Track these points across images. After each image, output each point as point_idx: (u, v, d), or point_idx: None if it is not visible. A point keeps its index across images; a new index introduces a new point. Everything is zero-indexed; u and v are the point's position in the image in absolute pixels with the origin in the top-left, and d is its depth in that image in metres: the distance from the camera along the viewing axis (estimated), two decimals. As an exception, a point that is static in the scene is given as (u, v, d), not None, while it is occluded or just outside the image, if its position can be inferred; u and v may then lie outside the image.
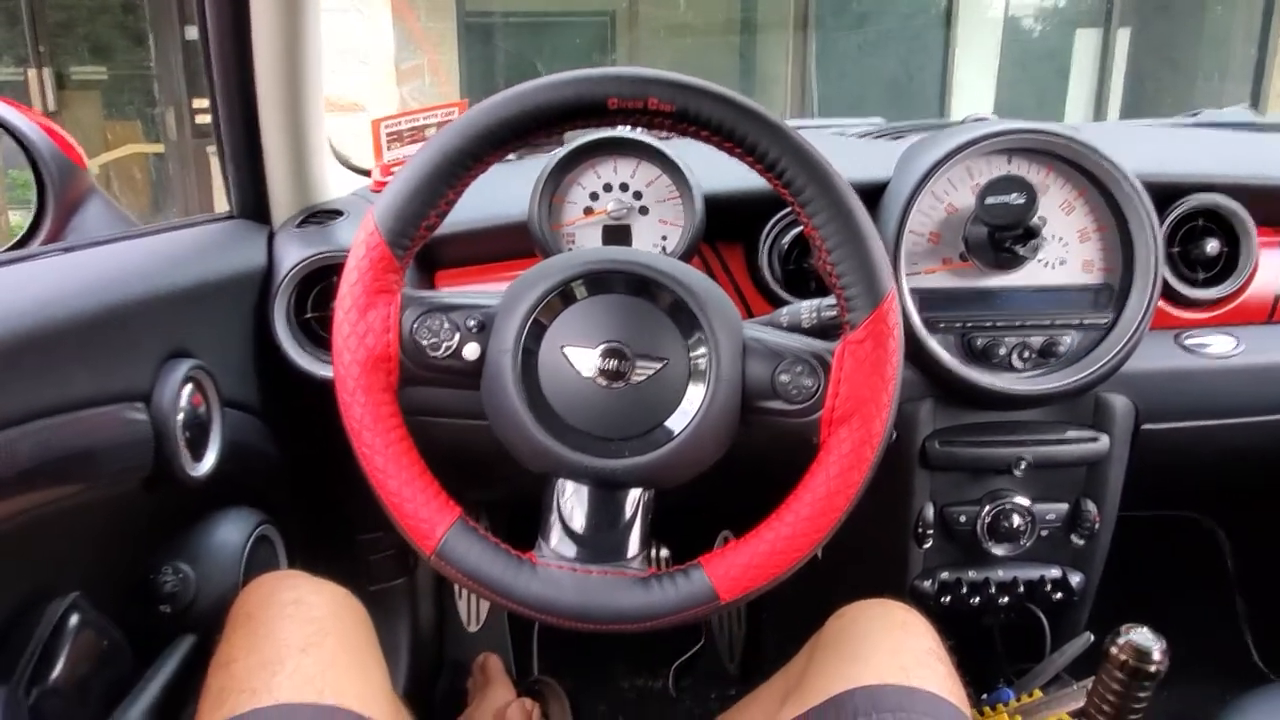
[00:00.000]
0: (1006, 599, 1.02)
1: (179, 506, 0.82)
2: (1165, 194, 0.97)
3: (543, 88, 0.64)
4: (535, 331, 0.66)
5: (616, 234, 0.93)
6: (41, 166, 0.86)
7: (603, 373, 0.64)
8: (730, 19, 6.50)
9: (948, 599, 1.02)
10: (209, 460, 0.78)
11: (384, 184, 1.10)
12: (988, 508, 0.99)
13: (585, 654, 1.54)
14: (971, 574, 1.03)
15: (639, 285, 0.67)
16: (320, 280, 0.94)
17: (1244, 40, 6.09)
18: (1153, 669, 0.79)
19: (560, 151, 0.91)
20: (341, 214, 1.00)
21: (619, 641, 1.54)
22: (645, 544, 0.69)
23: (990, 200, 0.85)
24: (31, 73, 4.91)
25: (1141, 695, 0.80)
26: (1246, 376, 0.98)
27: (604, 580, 0.65)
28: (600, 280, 0.67)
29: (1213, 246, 0.97)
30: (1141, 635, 0.79)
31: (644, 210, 0.93)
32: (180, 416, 0.73)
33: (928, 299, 0.96)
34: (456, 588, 1.47)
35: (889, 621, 0.83)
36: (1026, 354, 0.95)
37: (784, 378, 0.66)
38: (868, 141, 1.10)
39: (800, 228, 0.93)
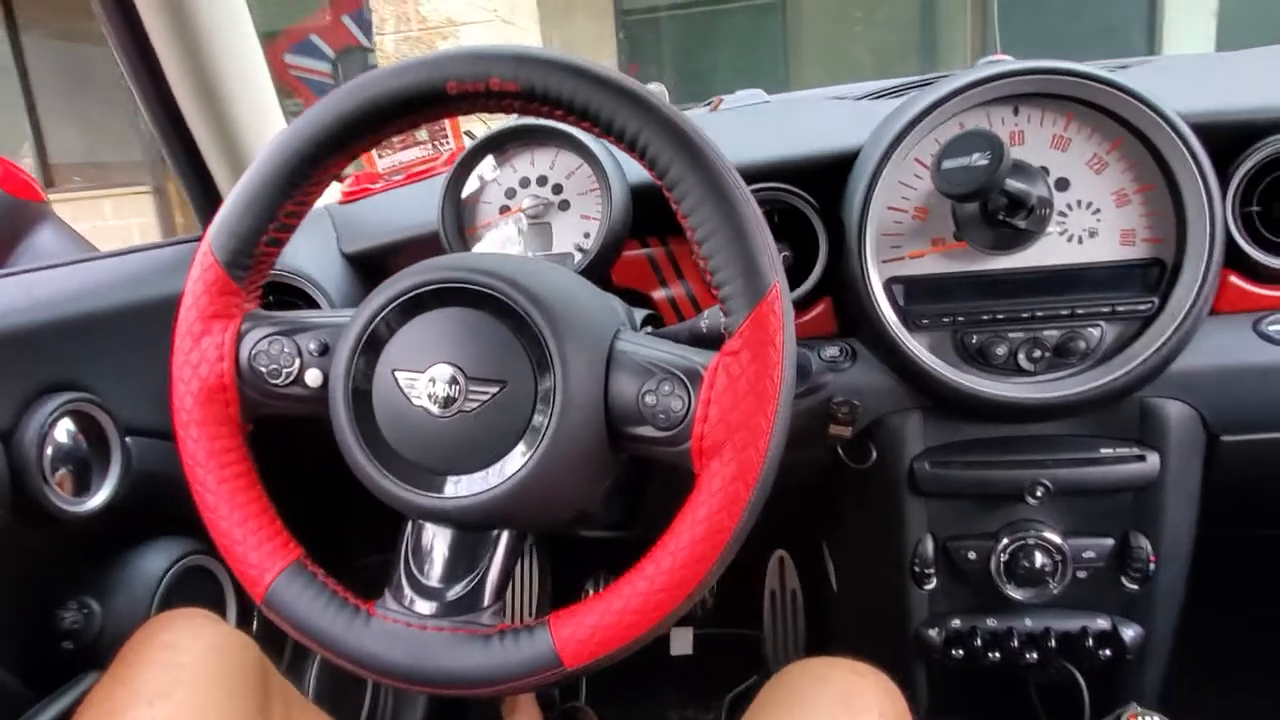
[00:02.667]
0: (1035, 655, 0.82)
1: (92, 540, 0.82)
2: (1238, 137, 0.74)
3: (375, 79, 0.57)
4: (370, 354, 0.58)
5: (537, 232, 0.83)
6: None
7: (433, 398, 0.55)
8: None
9: (959, 652, 0.84)
10: (102, 494, 0.76)
11: (351, 195, 1.07)
12: (1004, 542, 0.80)
13: (635, 680, 1.45)
14: (991, 622, 0.83)
15: (477, 299, 0.57)
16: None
17: None
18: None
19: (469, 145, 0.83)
20: None
21: (671, 668, 1.44)
22: (499, 594, 0.60)
23: (948, 164, 0.68)
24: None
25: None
26: (1360, 373, 0.73)
27: (441, 637, 0.57)
28: (435, 295, 0.58)
29: (1306, 202, 0.73)
30: (1152, 725, 0.60)
31: (565, 205, 0.83)
32: (49, 452, 0.72)
33: (914, 288, 0.79)
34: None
35: (827, 688, 0.69)
36: (1038, 353, 0.76)
37: (650, 399, 0.54)
38: (867, 103, 0.93)
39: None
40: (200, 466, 0.60)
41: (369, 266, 0.94)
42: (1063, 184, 0.76)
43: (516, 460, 0.54)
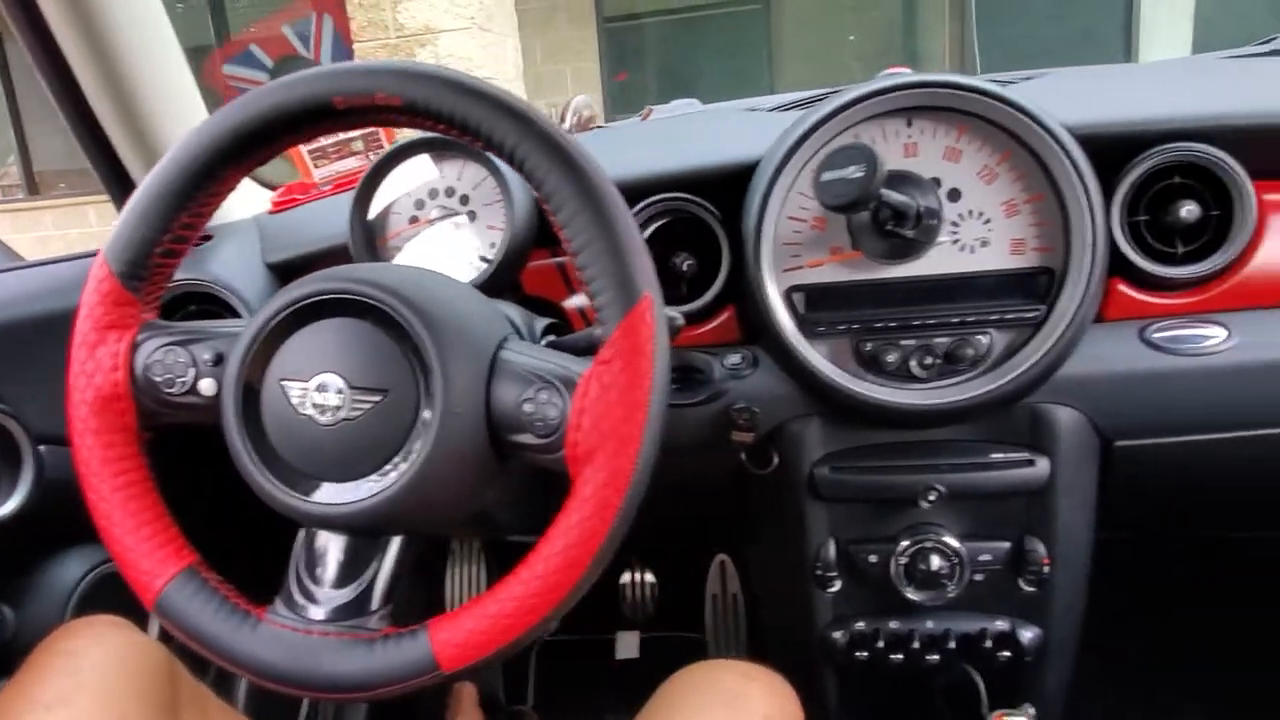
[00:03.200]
0: (937, 656, 0.84)
1: (4, 548, 0.83)
2: (1125, 148, 0.76)
3: (264, 93, 0.59)
4: (261, 362, 0.59)
5: (445, 242, 0.85)
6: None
7: (317, 407, 0.57)
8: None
9: (864, 654, 0.85)
10: (12, 501, 0.77)
11: (282, 204, 1.09)
12: (904, 545, 0.81)
13: (581, 684, 1.46)
14: (893, 625, 0.85)
15: (361, 309, 0.58)
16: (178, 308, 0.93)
17: None
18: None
19: (375, 158, 0.84)
20: (209, 238, 0.99)
21: (617, 672, 1.46)
22: (388, 598, 0.61)
23: (827, 177, 0.69)
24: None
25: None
26: (1240, 377, 0.74)
27: (325, 642, 0.58)
28: (322, 306, 0.59)
29: (1189, 210, 0.75)
30: (1018, 724, 0.61)
31: (472, 215, 0.84)
32: None
33: (814, 297, 0.80)
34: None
35: (713, 692, 0.71)
36: (929, 360, 0.77)
37: (529, 407, 0.55)
38: (776, 114, 0.95)
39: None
40: (94, 474, 0.61)
41: (290, 276, 0.94)
42: (955, 195, 0.77)
43: (399, 467, 0.55)
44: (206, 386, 0.61)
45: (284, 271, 0.94)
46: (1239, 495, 0.87)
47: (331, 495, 0.57)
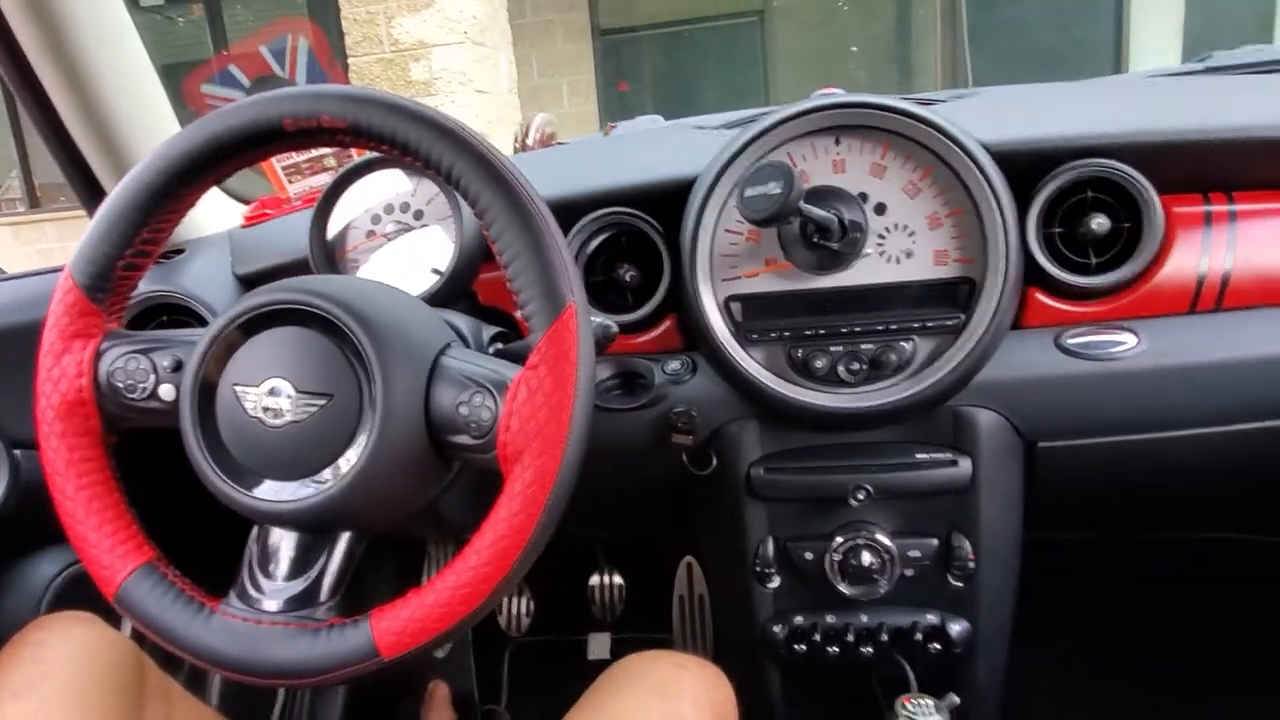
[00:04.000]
0: (871, 649, 0.87)
1: None
2: (1040, 164, 0.80)
3: (217, 117, 0.63)
4: (216, 369, 0.63)
5: (401, 255, 0.89)
6: None
7: (266, 410, 0.61)
8: (883, 8, 6.23)
9: (802, 647, 0.89)
10: None
11: (254, 219, 1.13)
12: (838, 542, 0.85)
13: (553, 684, 1.50)
14: (830, 619, 0.89)
15: (308, 318, 0.63)
16: (152, 319, 0.97)
17: None
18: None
19: (330, 177, 0.88)
20: (182, 251, 1.03)
21: (588, 672, 1.49)
22: (336, 591, 0.65)
23: (749, 192, 0.73)
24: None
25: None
26: (1149, 381, 0.78)
27: (275, 631, 0.62)
28: (272, 316, 0.63)
29: (1100, 223, 0.79)
30: (921, 709, 0.65)
31: (428, 230, 0.88)
32: None
33: (750, 306, 0.84)
34: None
35: (647, 680, 0.75)
36: (857, 365, 0.81)
37: (464, 410, 0.60)
38: (720, 133, 0.99)
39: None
40: (59, 475, 0.65)
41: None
42: (880, 208, 0.82)
43: (343, 466, 0.59)
44: (166, 392, 0.65)
45: (252, 283, 0.99)
46: (1157, 495, 0.91)
47: (280, 493, 0.61)
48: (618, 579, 1.44)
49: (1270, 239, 0.80)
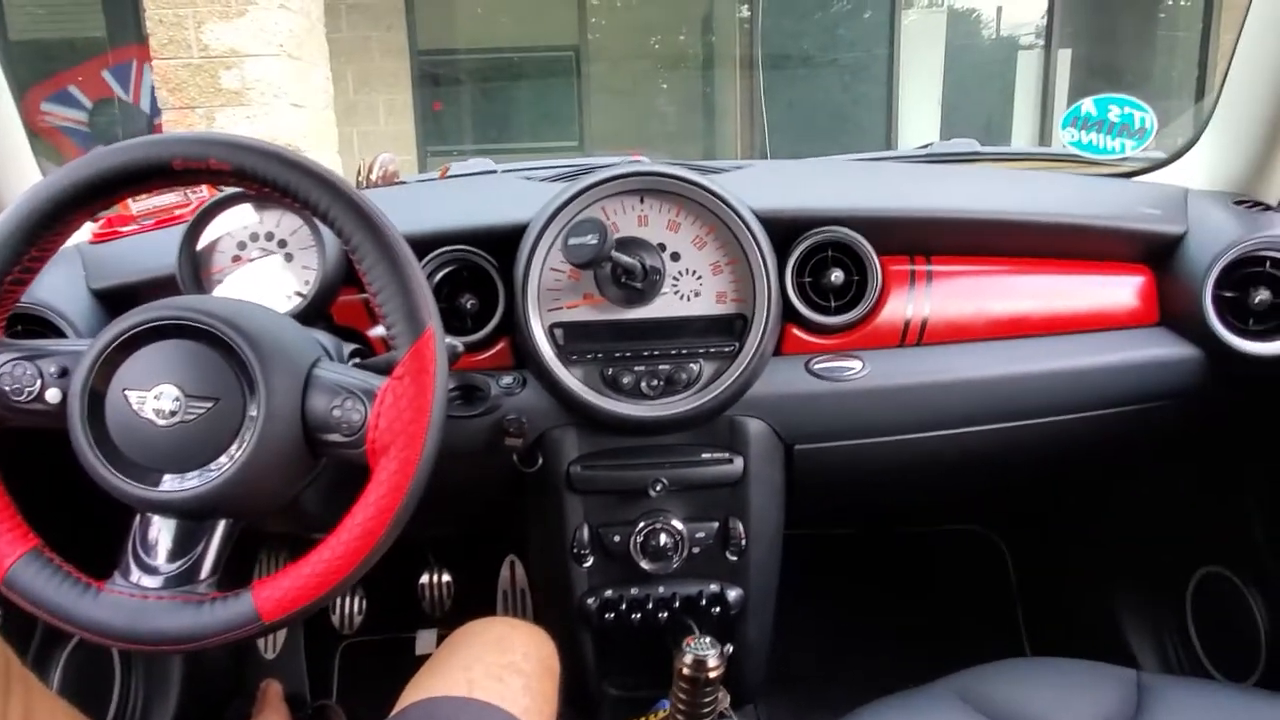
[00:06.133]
0: (666, 614, 1.07)
1: None
2: (794, 228, 1.04)
3: (111, 152, 0.72)
4: (104, 375, 0.72)
5: (263, 278, 1.00)
6: None
7: (157, 412, 0.70)
8: (688, 55, 6.64)
9: (611, 615, 1.07)
10: None
11: (101, 236, 1.18)
12: (640, 526, 1.04)
13: (382, 678, 1.59)
14: (634, 591, 1.08)
15: (197, 332, 0.73)
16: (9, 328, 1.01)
17: (1185, 60, 6.16)
18: (710, 675, 0.84)
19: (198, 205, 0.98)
20: None
21: (414, 666, 1.60)
22: (215, 570, 0.74)
23: (572, 241, 0.91)
24: None
25: (706, 700, 0.86)
26: (872, 397, 1.03)
27: (159, 605, 0.70)
28: (162, 329, 0.73)
29: (836, 276, 1.03)
30: (701, 646, 0.85)
31: (289, 257, 1.00)
32: None
33: (570, 332, 1.02)
34: None
35: (484, 638, 0.89)
36: (655, 382, 1.01)
37: (337, 413, 0.72)
38: (546, 185, 1.17)
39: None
40: None
41: (115, 301, 1.05)
42: (676, 256, 1.02)
43: (229, 459, 0.70)
44: (52, 395, 0.73)
45: (109, 297, 1.05)
46: (890, 489, 1.17)
47: (168, 485, 0.71)
48: (446, 577, 1.56)
49: (956, 293, 1.08)
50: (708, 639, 0.86)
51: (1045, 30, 6.06)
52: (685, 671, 0.84)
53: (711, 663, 0.84)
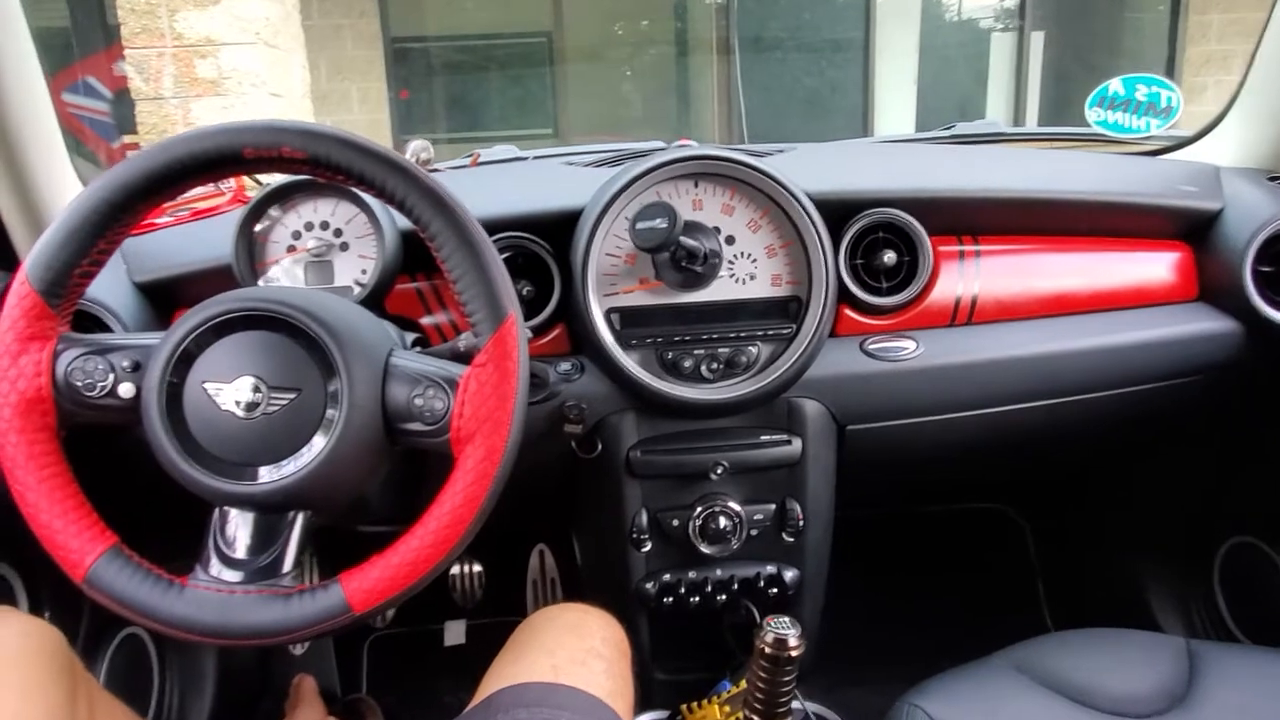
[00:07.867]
0: (724, 596, 1.08)
1: None
2: (846, 210, 1.04)
3: (181, 141, 0.70)
4: (181, 369, 0.70)
5: (319, 269, 0.98)
6: None
7: (239, 404, 0.69)
8: (664, 39, 6.62)
9: (669, 599, 1.08)
10: None
11: (141, 228, 1.16)
12: (698, 510, 1.05)
13: (413, 671, 1.59)
14: (691, 575, 1.08)
15: (276, 323, 0.72)
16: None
17: (1155, 41, 6.26)
18: (792, 654, 0.85)
19: (256, 195, 0.97)
20: None
21: (446, 658, 1.60)
22: (298, 562, 0.74)
23: (640, 225, 0.91)
24: None
25: (786, 679, 0.87)
26: (925, 377, 1.05)
27: (247, 599, 0.69)
28: (240, 320, 0.72)
29: (889, 257, 1.04)
30: (781, 626, 0.86)
31: (345, 246, 0.99)
32: None
33: (627, 316, 1.02)
34: None
35: (560, 623, 0.89)
36: (715, 365, 1.01)
37: (419, 401, 0.71)
38: (591, 170, 1.17)
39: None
40: (20, 469, 0.69)
41: (159, 294, 1.04)
42: (730, 240, 1.02)
43: (312, 451, 0.69)
44: (125, 390, 0.72)
45: (152, 290, 1.03)
46: (935, 466, 1.19)
47: (251, 477, 0.70)
48: (477, 567, 1.56)
49: (1003, 271, 1.09)
50: (786, 618, 0.87)
51: (1019, 12, 6.12)
52: (767, 650, 0.85)
53: (792, 641, 0.85)
